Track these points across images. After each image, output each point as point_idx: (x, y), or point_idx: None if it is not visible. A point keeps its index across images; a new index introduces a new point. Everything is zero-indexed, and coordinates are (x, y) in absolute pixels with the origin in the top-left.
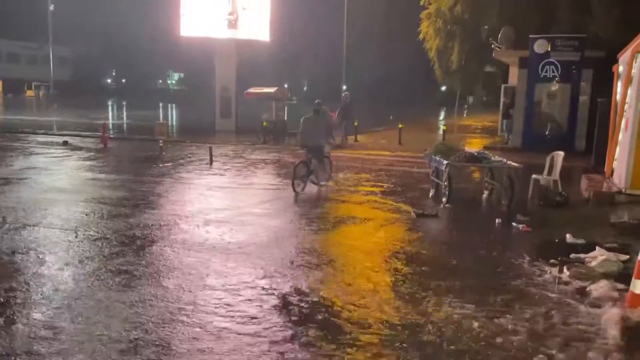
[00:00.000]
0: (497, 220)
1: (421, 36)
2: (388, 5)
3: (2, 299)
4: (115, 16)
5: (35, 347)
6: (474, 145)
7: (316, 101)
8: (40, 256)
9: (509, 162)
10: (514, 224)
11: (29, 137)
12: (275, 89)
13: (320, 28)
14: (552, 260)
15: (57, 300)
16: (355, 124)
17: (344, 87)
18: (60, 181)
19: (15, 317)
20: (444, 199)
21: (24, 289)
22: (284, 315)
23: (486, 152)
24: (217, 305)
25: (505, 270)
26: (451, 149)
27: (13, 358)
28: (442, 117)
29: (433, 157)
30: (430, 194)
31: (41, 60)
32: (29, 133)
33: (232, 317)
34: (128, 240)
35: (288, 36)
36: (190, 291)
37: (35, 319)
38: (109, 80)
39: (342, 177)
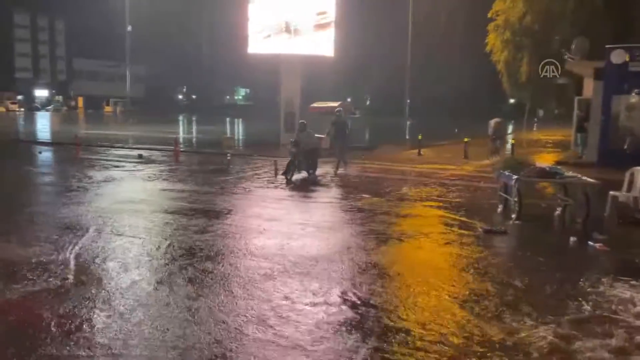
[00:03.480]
0: (571, 239)
1: (488, 48)
2: (453, 18)
3: (81, 303)
4: (186, 36)
5: (105, 350)
6: (545, 160)
7: (300, 121)
8: (115, 263)
9: (584, 178)
10: (590, 242)
11: (107, 151)
12: (338, 103)
13: (384, 41)
14: (632, 282)
15: (130, 306)
16: (420, 137)
17: (341, 103)
18: (134, 192)
19: (89, 322)
20: (513, 215)
21: (98, 294)
22: (349, 329)
23: (559, 167)
24: (281, 316)
25: (581, 292)
26: (521, 164)
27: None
28: (510, 130)
29: (502, 172)
30: (499, 210)
31: (118, 78)
32: (107, 146)
33: (298, 330)
34: (197, 249)
35: (352, 51)
36: (255, 300)
37: (108, 322)
38: (180, 97)
39: (406, 191)
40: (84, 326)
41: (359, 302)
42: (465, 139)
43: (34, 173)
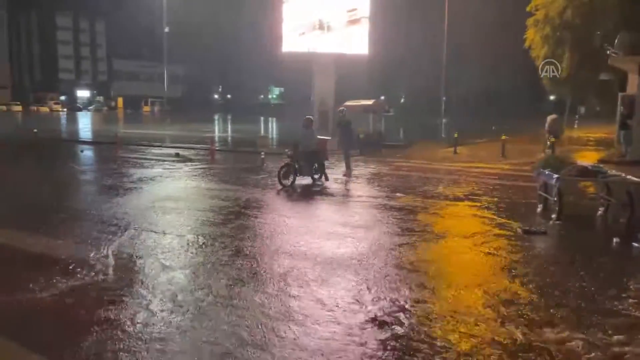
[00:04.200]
0: (614, 240)
1: (527, 44)
2: (491, 13)
3: (122, 298)
4: (222, 36)
5: (147, 345)
6: (587, 159)
7: (307, 116)
8: (153, 260)
9: (627, 177)
10: (634, 244)
11: (146, 149)
12: (372, 101)
13: (419, 39)
14: None
15: (169, 302)
16: (456, 135)
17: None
18: (172, 190)
19: (130, 317)
20: (553, 215)
21: (138, 290)
22: (383, 331)
23: (601, 165)
24: (315, 317)
25: (625, 295)
26: (562, 162)
27: (131, 349)
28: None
29: (542, 170)
30: (538, 210)
31: (156, 78)
32: (145, 145)
33: (330, 329)
34: (232, 247)
35: (386, 48)
36: (292, 298)
37: (147, 318)
38: (215, 96)
39: (441, 190)
40: (124, 319)
41: (392, 303)
42: (503, 137)
43: (76, 171)
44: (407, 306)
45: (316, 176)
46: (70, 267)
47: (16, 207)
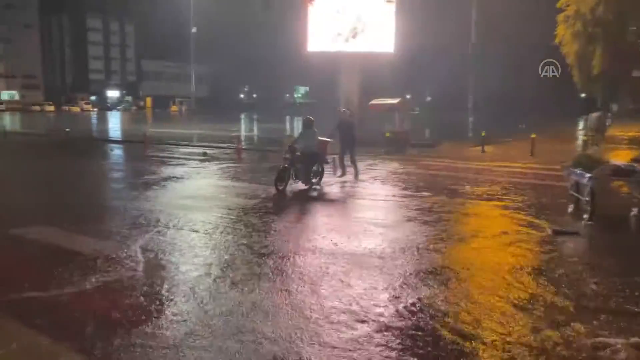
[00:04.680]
0: None
1: (557, 40)
2: (519, 10)
3: (149, 293)
4: (248, 36)
5: (166, 341)
6: (620, 157)
7: (306, 117)
8: (180, 256)
9: None
10: None
11: (173, 148)
12: (398, 100)
13: (446, 36)
14: None
15: (194, 297)
16: (483, 134)
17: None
18: (199, 189)
19: (158, 312)
20: (585, 216)
21: (165, 286)
22: (407, 330)
23: (635, 164)
24: (340, 319)
25: None
26: (594, 161)
27: (158, 346)
28: (581, 126)
29: (573, 169)
30: (569, 210)
31: (183, 78)
32: (173, 144)
33: (355, 329)
34: (259, 244)
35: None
36: (318, 297)
37: (173, 313)
38: (241, 96)
39: (469, 188)
40: (153, 315)
41: (418, 303)
42: (533, 135)
43: (106, 170)
44: (434, 306)
45: (314, 180)
46: (102, 263)
47: (49, 204)
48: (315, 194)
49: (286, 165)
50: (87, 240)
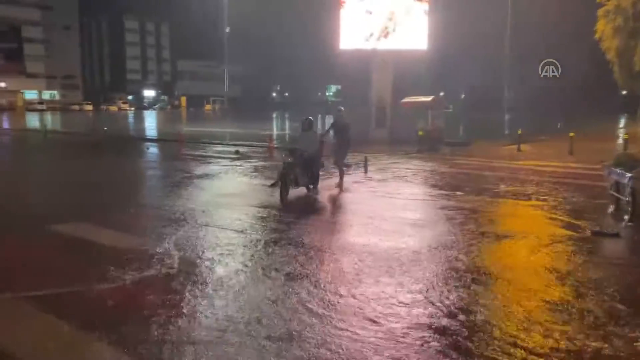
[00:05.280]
0: None
1: (597, 36)
2: (557, 5)
3: (183, 289)
4: (280, 35)
5: (199, 336)
6: None
7: (306, 118)
8: (214, 254)
9: None
10: None
11: (207, 147)
12: (431, 98)
13: (481, 33)
14: None
15: (225, 295)
16: (519, 132)
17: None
18: (232, 187)
19: (191, 307)
20: (626, 217)
21: (199, 283)
22: (438, 330)
23: None
24: (369, 314)
25: None
26: (635, 160)
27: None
28: (622, 125)
29: (613, 169)
30: (609, 210)
31: (217, 77)
32: (207, 143)
33: (386, 328)
34: (291, 242)
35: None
36: (349, 297)
37: (206, 309)
38: (274, 95)
39: (504, 188)
40: (186, 311)
41: (450, 304)
42: (571, 134)
43: (142, 167)
44: (467, 308)
45: (311, 186)
46: (138, 259)
47: (87, 202)
48: (345, 192)
49: (285, 173)
50: (126, 238)
